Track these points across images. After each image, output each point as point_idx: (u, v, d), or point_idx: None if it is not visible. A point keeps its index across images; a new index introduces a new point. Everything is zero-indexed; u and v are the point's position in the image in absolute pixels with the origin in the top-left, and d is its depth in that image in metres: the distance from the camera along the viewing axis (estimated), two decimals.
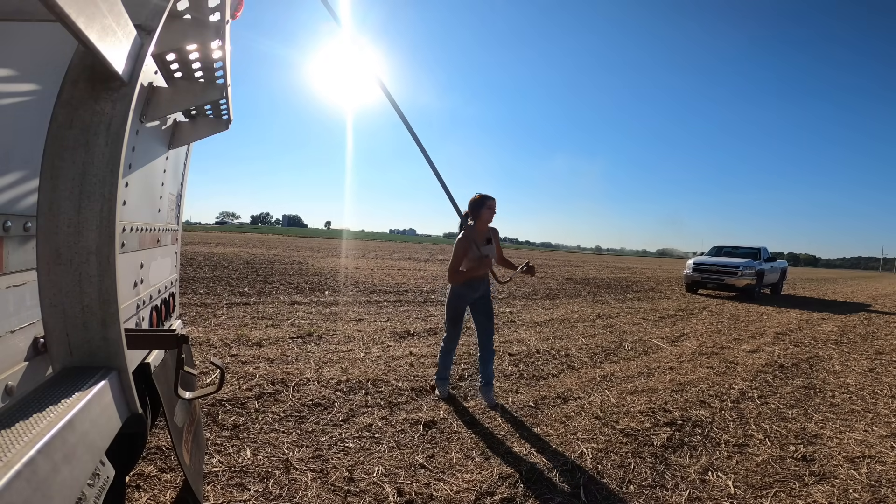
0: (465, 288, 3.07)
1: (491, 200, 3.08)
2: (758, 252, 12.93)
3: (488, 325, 3.15)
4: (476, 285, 3.10)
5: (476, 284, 3.09)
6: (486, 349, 3.15)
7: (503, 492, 2.05)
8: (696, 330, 6.62)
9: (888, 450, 2.79)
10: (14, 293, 0.83)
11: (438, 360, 3.27)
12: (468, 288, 3.08)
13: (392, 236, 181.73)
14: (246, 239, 29.56)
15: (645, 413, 3.12)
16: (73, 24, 0.55)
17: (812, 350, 5.69)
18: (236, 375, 3.26)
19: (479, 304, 3.15)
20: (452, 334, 3.19)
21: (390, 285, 9.53)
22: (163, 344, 1.12)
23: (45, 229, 0.70)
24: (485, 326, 3.15)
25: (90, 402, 0.66)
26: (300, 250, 20.42)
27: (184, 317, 4.78)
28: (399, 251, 29.11)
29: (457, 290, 3.07)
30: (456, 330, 3.17)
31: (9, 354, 0.81)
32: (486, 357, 3.16)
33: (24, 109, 0.83)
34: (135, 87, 0.74)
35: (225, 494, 1.89)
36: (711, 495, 2.17)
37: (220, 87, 1.56)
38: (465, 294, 3.09)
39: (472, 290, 3.09)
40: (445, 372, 3.26)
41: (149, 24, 0.80)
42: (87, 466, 0.64)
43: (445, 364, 3.24)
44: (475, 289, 3.10)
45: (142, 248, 1.56)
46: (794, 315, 9.06)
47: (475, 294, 3.12)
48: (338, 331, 4.98)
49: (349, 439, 2.46)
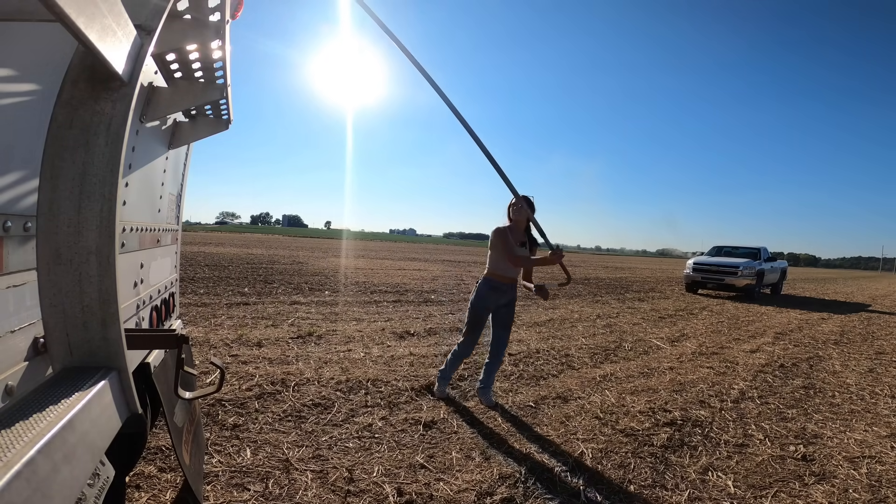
0: (492, 292, 2.90)
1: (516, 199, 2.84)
2: (758, 252, 12.93)
3: (504, 335, 3.01)
4: (505, 289, 2.92)
5: (505, 288, 2.92)
6: (495, 357, 3.03)
7: (503, 492, 2.05)
8: (696, 330, 6.62)
9: (888, 450, 2.79)
10: (14, 293, 0.83)
11: (447, 360, 3.14)
12: (496, 292, 2.91)
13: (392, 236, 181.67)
14: (246, 239, 29.56)
15: (645, 413, 3.12)
16: (73, 24, 0.55)
17: (812, 350, 5.69)
18: (236, 375, 3.26)
19: (503, 311, 2.98)
20: (470, 340, 3.01)
21: (390, 285, 9.52)
22: (163, 344, 1.12)
23: (45, 229, 0.70)
24: (500, 335, 3.01)
25: (90, 402, 0.66)
26: (300, 250, 20.42)
27: (184, 317, 4.78)
28: (399, 251, 29.10)
29: (483, 293, 2.91)
30: (475, 336, 3.00)
31: (9, 354, 0.81)
32: (494, 365, 3.05)
33: (24, 109, 0.83)
34: (135, 87, 0.74)
35: (225, 494, 1.89)
36: (711, 495, 2.17)
37: (220, 87, 1.56)
38: (491, 299, 2.92)
39: (499, 294, 2.92)
40: (450, 374, 3.16)
41: (149, 24, 0.80)
42: (87, 466, 0.64)
43: (453, 366, 3.13)
44: (503, 293, 2.93)
45: (142, 248, 1.56)
46: (794, 315, 9.06)
47: (501, 300, 2.95)
48: (338, 331, 4.98)
49: (349, 439, 2.46)
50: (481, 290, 2.92)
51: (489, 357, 3.07)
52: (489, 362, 3.07)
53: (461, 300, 8.12)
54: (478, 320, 2.96)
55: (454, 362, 3.11)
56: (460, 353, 3.07)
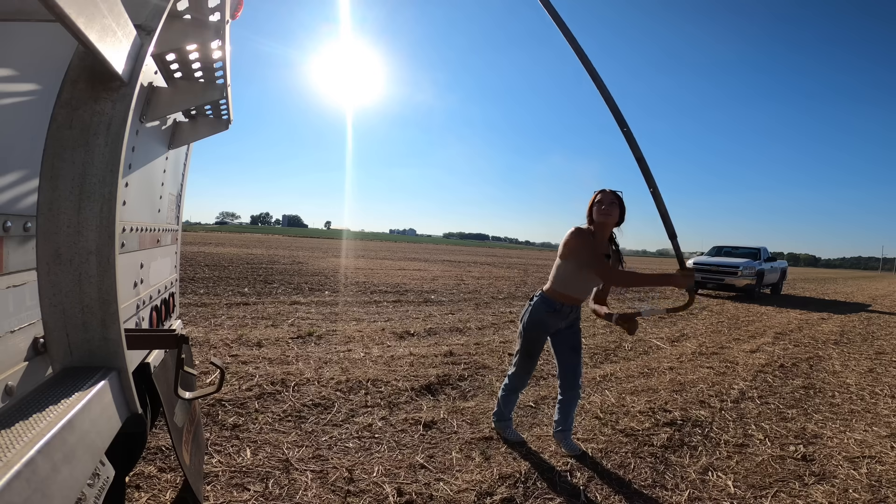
0: (552, 316, 2.33)
1: (600, 194, 2.25)
2: (758, 252, 12.94)
3: (575, 359, 2.41)
4: (566, 312, 2.34)
5: (566, 311, 2.34)
6: (571, 390, 2.42)
7: (503, 492, 2.05)
8: (696, 330, 6.62)
9: (888, 450, 2.79)
10: (14, 293, 0.83)
11: (499, 399, 2.59)
12: (556, 316, 2.33)
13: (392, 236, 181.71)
14: (246, 239, 29.56)
15: (645, 413, 3.12)
16: (73, 24, 0.55)
17: (812, 350, 5.68)
18: (236, 375, 3.26)
19: (566, 334, 2.42)
20: (524, 370, 2.46)
21: (390, 285, 9.52)
22: (163, 344, 1.12)
23: (45, 229, 0.69)
24: (571, 361, 2.41)
25: (90, 402, 0.66)
26: (300, 250, 20.42)
27: (184, 317, 4.78)
28: (399, 251, 29.10)
29: (539, 318, 2.34)
30: (530, 365, 2.44)
31: (9, 354, 0.81)
32: (571, 400, 2.44)
33: (24, 109, 0.83)
34: (135, 87, 0.74)
35: (225, 494, 1.89)
36: (711, 495, 2.17)
37: (219, 87, 1.56)
38: (550, 323, 2.35)
39: (559, 318, 2.35)
40: (507, 413, 2.61)
41: (149, 24, 0.80)
42: (86, 466, 0.64)
43: (508, 405, 2.59)
44: (563, 316, 2.35)
45: (142, 249, 1.56)
46: (794, 315, 9.05)
47: (562, 323, 2.38)
48: (338, 331, 4.98)
49: (349, 439, 2.46)
50: (537, 313, 2.35)
51: (562, 392, 2.45)
52: (563, 399, 2.45)
53: (461, 300, 8.12)
54: (533, 349, 2.40)
55: (508, 399, 2.58)
56: (514, 386, 2.52)
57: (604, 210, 2.21)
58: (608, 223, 2.24)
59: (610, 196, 2.22)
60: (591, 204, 2.28)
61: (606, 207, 2.20)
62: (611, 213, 2.21)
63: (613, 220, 2.23)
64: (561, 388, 2.46)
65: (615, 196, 2.22)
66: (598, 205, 2.23)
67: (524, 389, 2.65)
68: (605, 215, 2.21)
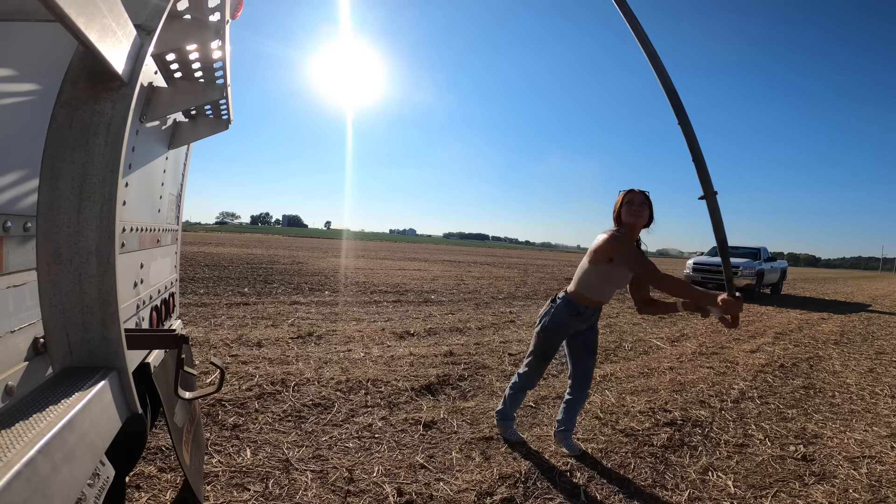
0: (574, 319, 2.29)
1: (629, 194, 2.18)
2: (758, 252, 12.94)
3: (589, 363, 2.39)
4: (588, 315, 2.31)
5: (588, 313, 2.31)
6: (580, 391, 2.42)
7: (503, 492, 2.05)
8: (696, 330, 6.62)
9: (888, 450, 2.79)
10: (14, 293, 0.83)
11: (506, 396, 2.58)
12: (578, 319, 2.29)
13: (392, 236, 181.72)
14: (246, 239, 29.55)
15: (645, 413, 3.12)
16: (73, 24, 0.55)
17: (812, 350, 5.69)
18: (236, 375, 3.26)
19: (584, 335, 2.39)
20: (536, 371, 2.43)
21: (390, 285, 9.52)
22: (163, 344, 1.12)
23: (45, 229, 0.69)
24: (585, 364, 2.39)
25: (90, 402, 0.66)
26: (300, 250, 20.42)
27: (184, 317, 4.78)
28: (399, 251, 29.10)
29: (562, 320, 2.29)
30: (542, 367, 2.42)
31: (9, 354, 0.81)
32: (577, 402, 2.45)
33: (24, 109, 0.83)
34: (135, 87, 0.74)
35: (225, 494, 1.89)
36: (711, 495, 2.17)
37: (219, 87, 1.56)
38: (572, 325, 2.31)
39: (581, 321, 2.31)
40: (512, 412, 2.60)
41: (149, 24, 0.80)
42: (86, 466, 0.64)
43: (514, 403, 2.57)
44: (586, 319, 2.32)
45: (142, 249, 1.56)
46: (794, 315, 9.06)
47: (583, 325, 2.35)
48: (338, 331, 4.98)
49: (349, 439, 2.46)
50: (560, 315, 2.29)
51: (570, 392, 2.45)
52: (571, 399, 2.45)
53: (461, 300, 8.12)
54: (548, 350, 2.38)
55: (516, 397, 2.55)
56: (523, 384, 2.50)
57: (635, 211, 2.13)
58: (638, 224, 2.16)
59: (640, 196, 2.14)
60: (618, 204, 2.20)
61: (637, 208, 2.13)
62: (641, 215, 2.13)
63: (643, 221, 2.16)
64: (571, 389, 2.45)
65: (645, 196, 2.15)
66: (628, 205, 2.15)
67: (532, 389, 2.64)
68: (636, 216, 2.13)
